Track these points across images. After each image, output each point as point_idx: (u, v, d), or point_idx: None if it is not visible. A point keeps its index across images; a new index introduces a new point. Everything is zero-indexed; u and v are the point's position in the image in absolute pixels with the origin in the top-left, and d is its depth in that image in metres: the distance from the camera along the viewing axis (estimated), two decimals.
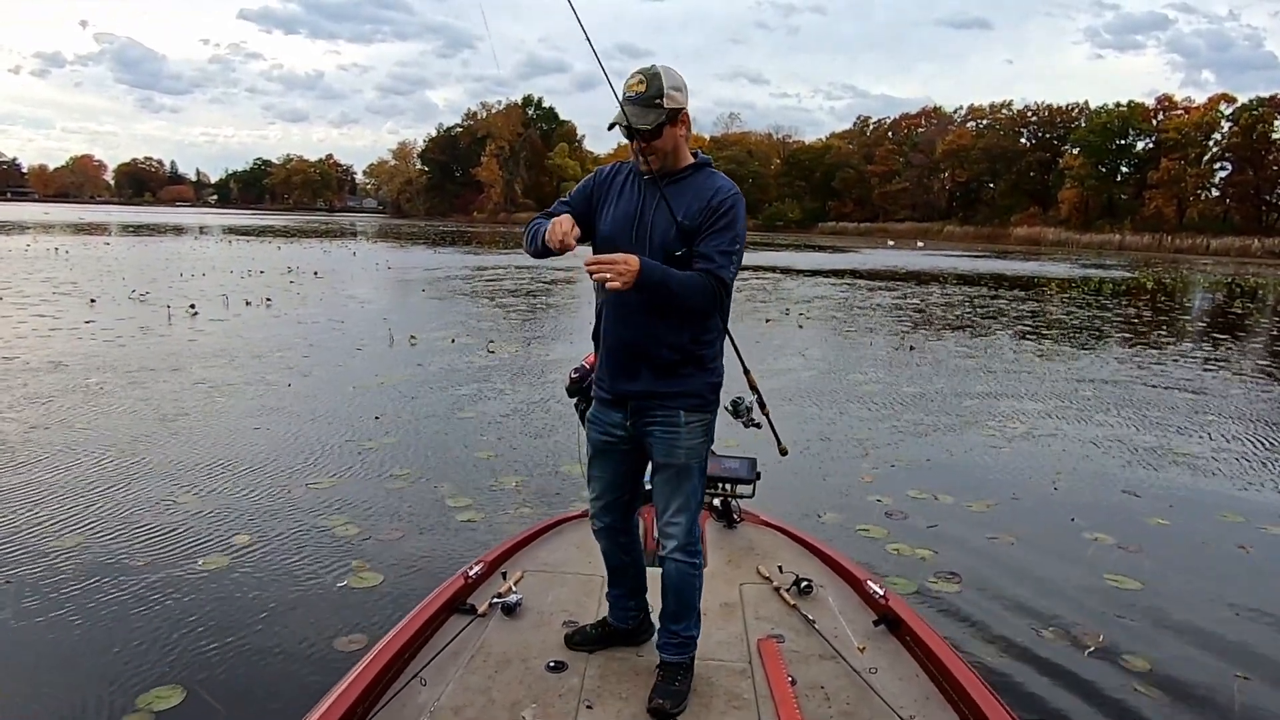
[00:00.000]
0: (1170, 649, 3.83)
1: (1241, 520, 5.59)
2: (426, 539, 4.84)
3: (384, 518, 5.12)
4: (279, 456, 6.25)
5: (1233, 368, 11.91)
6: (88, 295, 15.83)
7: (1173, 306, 21.95)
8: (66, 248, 30.11)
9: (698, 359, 2.48)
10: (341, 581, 4.22)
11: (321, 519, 5.05)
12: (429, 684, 2.50)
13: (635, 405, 2.51)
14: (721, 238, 2.35)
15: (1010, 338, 14.47)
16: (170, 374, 9.06)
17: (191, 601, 3.95)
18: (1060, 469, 6.66)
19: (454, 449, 6.64)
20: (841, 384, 9.77)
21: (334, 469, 6.01)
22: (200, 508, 5.15)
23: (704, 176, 2.44)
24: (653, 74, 2.32)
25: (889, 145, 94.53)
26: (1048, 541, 5.13)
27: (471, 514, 5.23)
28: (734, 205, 2.39)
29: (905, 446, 7.18)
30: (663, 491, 2.56)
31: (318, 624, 3.78)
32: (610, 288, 2.21)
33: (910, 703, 2.49)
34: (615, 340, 2.50)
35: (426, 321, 14.14)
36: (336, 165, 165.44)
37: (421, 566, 4.46)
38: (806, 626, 2.93)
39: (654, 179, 2.42)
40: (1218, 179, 72.26)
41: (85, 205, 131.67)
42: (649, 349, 2.44)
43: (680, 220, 2.35)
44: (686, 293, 2.29)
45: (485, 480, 5.90)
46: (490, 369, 9.99)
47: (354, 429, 7.09)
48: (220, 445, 6.48)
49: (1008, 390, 9.75)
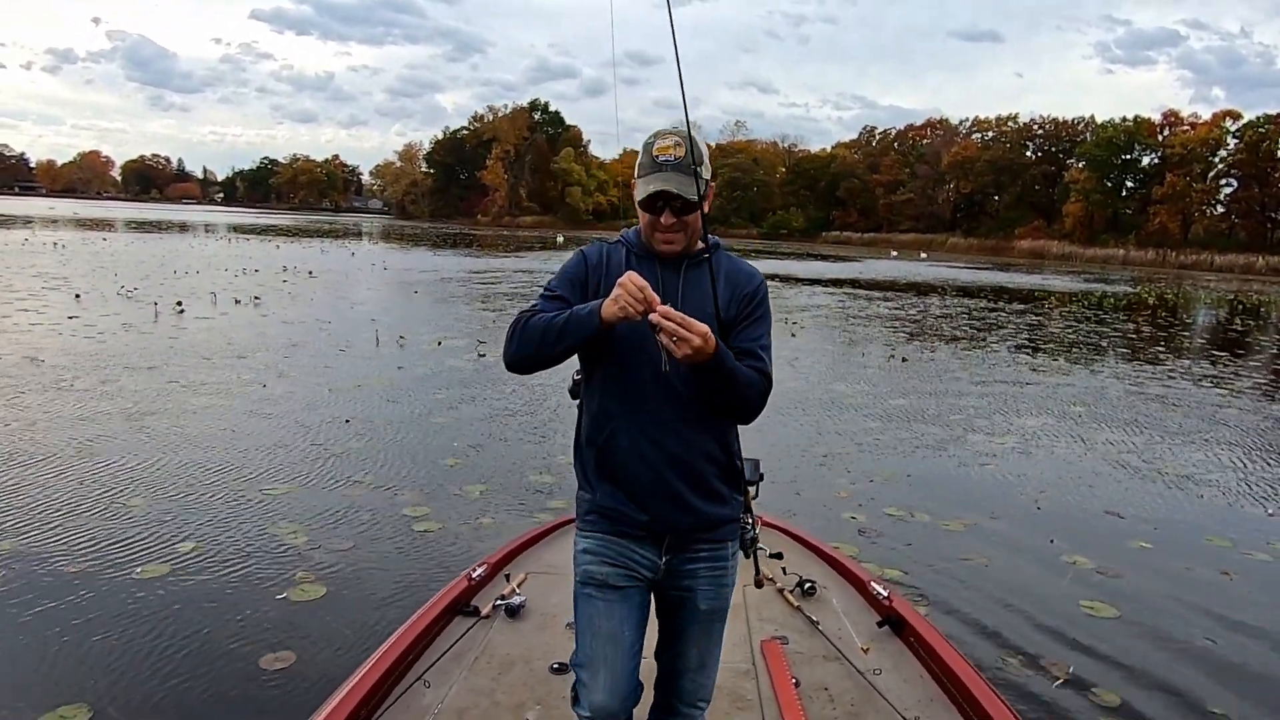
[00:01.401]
0: (1143, 683, 3.65)
1: (1227, 545, 5.41)
2: (378, 549, 4.67)
3: (337, 526, 4.96)
4: (240, 460, 6.09)
5: (1229, 386, 11.71)
6: (77, 291, 15.71)
7: (1173, 323, 21.74)
8: (64, 242, 30.04)
9: (736, 474, 2.11)
10: (281, 594, 4.06)
11: (272, 526, 4.89)
12: (433, 686, 2.49)
13: (675, 540, 2.03)
14: (760, 328, 2.05)
15: (1005, 351, 14.29)
16: (145, 372, 8.91)
17: (120, 613, 3.79)
18: (1044, 487, 6.48)
19: (422, 455, 6.48)
20: (827, 395, 9.60)
21: (294, 474, 5.85)
22: (149, 512, 5.00)
23: (723, 260, 2.08)
24: (688, 137, 1.96)
25: (894, 156, 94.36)
26: (1024, 563, 4.96)
27: (429, 524, 5.07)
28: (765, 292, 2.09)
29: (886, 461, 7.00)
30: (697, 644, 2.12)
31: (248, 639, 3.62)
32: (681, 355, 1.77)
33: (914, 704, 2.46)
34: (646, 452, 1.98)
35: (416, 323, 14.00)
36: (342, 166, 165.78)
37: (368, 578, 4.30)
38: (810, 628, 2.92)
39: (675, 262, 2.03)
40: (1223, 195, 71.94)
41: (92, 201, 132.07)
42: (693, 464, 2.00)
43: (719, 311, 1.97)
44: (743, 386, 1.91)
45: (449, 488, 5.74)
46: (473, 372, 9.83)
47: (322, 433, 6.93)
48: (182, 447, 6.32)
49: (997, 404, 9.57)
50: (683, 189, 1.92)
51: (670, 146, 1.95)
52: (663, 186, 1.91)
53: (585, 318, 1.85)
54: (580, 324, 1.85)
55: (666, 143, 1.96)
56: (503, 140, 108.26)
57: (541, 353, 1.90)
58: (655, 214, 1.97)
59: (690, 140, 1.94)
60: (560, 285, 2.04)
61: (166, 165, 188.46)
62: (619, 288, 1.78)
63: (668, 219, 1.96)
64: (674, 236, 1.98)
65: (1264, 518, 6.02)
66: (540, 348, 1.90)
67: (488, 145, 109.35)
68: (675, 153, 1.94)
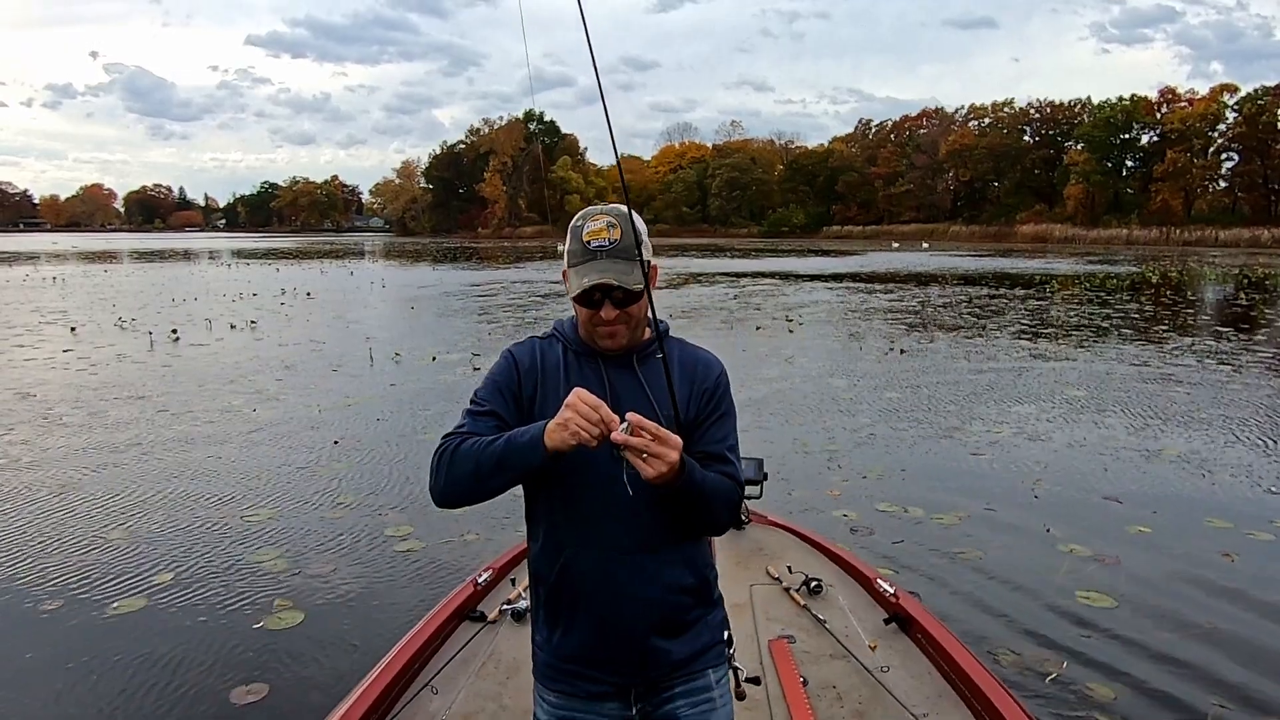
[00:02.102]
0: (1140, 675, 3.54)
1: (1229, 526, 5.29)
2: (358, 572, 4.60)
3: (318, 551, 4.89)
4: (224, 487, 6.03)
5: (1232, 363, 11.56)
6: (73, 324, 15.72)
7: (1176, 301, 21.54)
8: (64, 276, 30.17)
9: (709, 589, 1.84)
10: (258, 623, 3.99)
11: (252, 553, 4.82)
12: (440, 692, 2.47)
13: (644, 689, 1.78)
14: (725, 427, 1.81)
15: (1005, 338, 14.15)
16: (135, 402, 8.87)
17: (93, 649, 3.72)
18: (1042, 475, 6.36)
19: (408, 474, 6.40)
20: (823, 390, 9.50)
21: (277, 498, 5.79)
22: (129, 544, 4.93)
23: (674, 348, 1.82)
24: (622, 215, 1.72)
25: (891, 147, 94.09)
26: (1019, 555, 4.85)
27: (412, 544, 5.00)
28: (727, 383, 1.84)
29: (880, 456, 6.89)
30: None
31: (220, 673, 3.54)
32: (655, 474, 1.52)
33: (923, 701, 2.44)
34: (603, 592, 1.73)
35: (412, 339, 13.95)
36: (342, 186, 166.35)
37: (347, 603, 4.23)
38: (817, 626, 2.89)
39: (623, 358, 1.77)
40: (1225, 170, 71.49)
41: (95, 234, 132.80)
42: (661, 599, 1.74)
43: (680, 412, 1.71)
44: (716, 499, 1.68)
45: (433, 508, 5.63)
46: (466, 387, 9.75)
47: (309, 455, 6.87)
48: (165, 477, 6.27)
49: (996, 393, 9.44)
50: (622, 279, 1.65)
51: (603, 230, 1.70)
52: (600, 279, 1.65)
53: (526, 446, 1.57)
54: (521, 454, 1.58)
55: (598, 225, 1.70)
56: (500, 152, 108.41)
57: (476, 487, 1.63)
58: (593, 308, 1.70)
59: (628, 219, 1.70)
60: (489, 396, 1.75)
61: (168, 194, 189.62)
62: (567, 409, 1.52)
63: (609, 312, 1.69)
64: (617, 329, 1.72)
65: (1267, 496, 5.89)
66: (474, 481, 1.62)
67: (485, 158, 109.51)
68: (609, 235, 1.69)
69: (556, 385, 1.74)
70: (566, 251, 1.72)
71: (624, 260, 1.67)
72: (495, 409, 1.73)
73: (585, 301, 1.70)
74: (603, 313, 1.69)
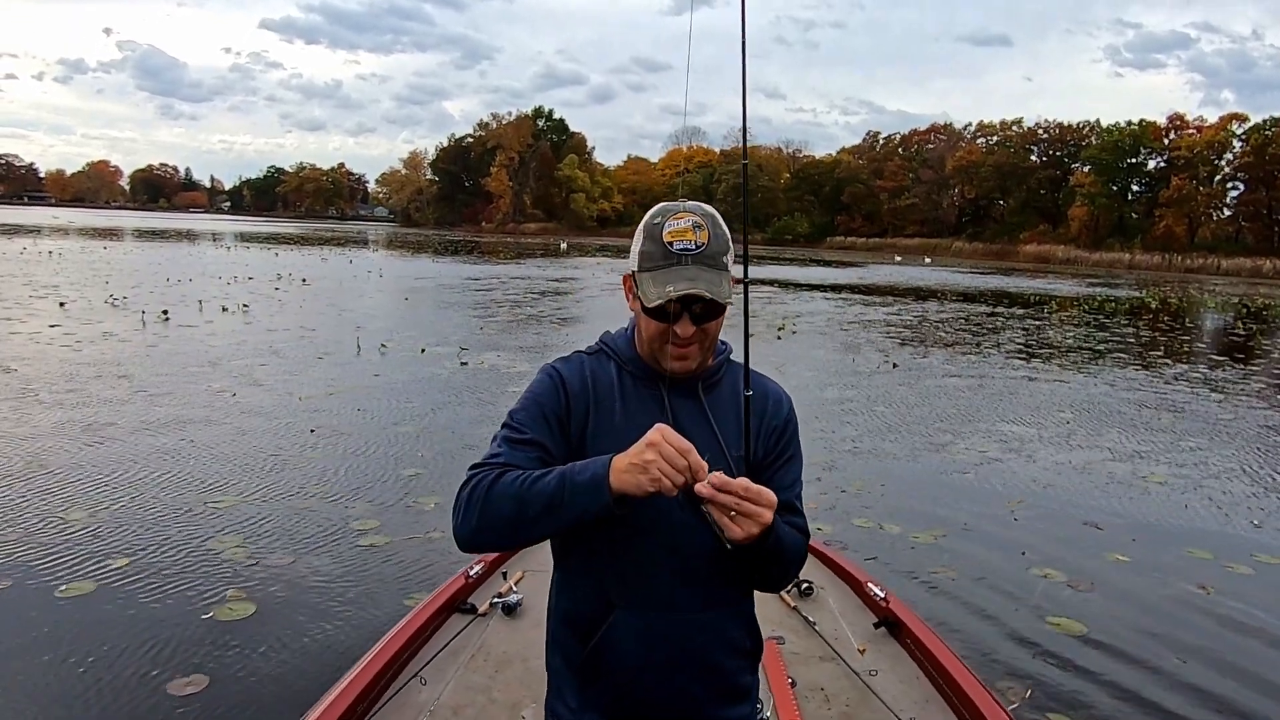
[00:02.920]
0: (1105, 707, 3.46)
1: (1208, 557, 5.21)
2: (318, 565, 4.51)
3: (280, 540, 4.80)
4: (193, 471, 5.94)
5: (1225, 391, 11.48)
6: (63, 299, 15.62)
7: (1174, 327, 21.47)
8: (62, 251, 30.06)
9: (760, 649, 1.67)
10: (208, 613, 3.90)
11: (213, 541, 4.73)
12: (429, 683, 2.46)
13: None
14: (794, 471, 1.60)
15: (999, 356, 14.08)
16: (116, 381, 8.78)
17: (34, 631, 3.64)
18: (1024, 496, 6.28)
19: (381, 464, 6.32)
20: (811, 401, 9.41)
21: (246, 486, 5.70)
22: (88, 526, 4.84)
23: (738, 376, 1.58)
24: (708, 215, 1.47)
25: (898, 161, 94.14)
26: (992, 577, 4.77)
27: (376, 537, 4.91)
28: (796, 420, 1.64)
29: (861, 470, 6.81)
30: None
31: (162, 662, 3.45)
32: (734, 535, 1.31)
33: (910, 705, 2.45)
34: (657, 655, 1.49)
35: (403, 329, 13.86)
36: (348, 174, 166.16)
37: (301, 595, 4.14)
38: (807, 628, 2.89)
39: (688, 385, 1.54)
40: (1230, 198, 71.52)
41: (99, 210, 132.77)
42: (719, 663, 1.54)
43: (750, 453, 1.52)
44: (789, 555, 1.48)
45: (403, 500, 5.57)
46: (451, 379, 9.67)
47: (283, 442, 6.78)
48: (135, 458, 6.17)
49: (985, 411, 9.36)
50: (713, 289, 1.41)
51: (688, 230, 1.44)
52: (689, 288, 1.40)
53: (587, 488, 1.32)
54: (579, 496, 1.32)
55: (682, 225, 1.44)
56: (507, 147, 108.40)
57: (516, 532, 1.37)
58: (668, 321, 1.45)
59: (715, 220, 1.47)
60: (530, 423, 1.48)
61: (174, 174, 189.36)
62: (649, 448, 1.28)
63: (685, 328, 1.45)
64: (691, 349, 1.48)
65: (1250, 528, 5.81)
66: (514, 526, 1.36)
67: (492, 152, 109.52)
68: (696, 238, 1.44)
69: (611, 412, 1.51)
70: (638, 253, 1.47)
71: (712, 269, 1.44)
72: (538, 437, 1.46)
73: (659, 314, 1.44)
74: (679, 328, 1.45)
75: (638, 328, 1.53)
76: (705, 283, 1.41)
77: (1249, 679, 3.74)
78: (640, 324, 1.51)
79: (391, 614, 3.99)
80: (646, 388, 1.52)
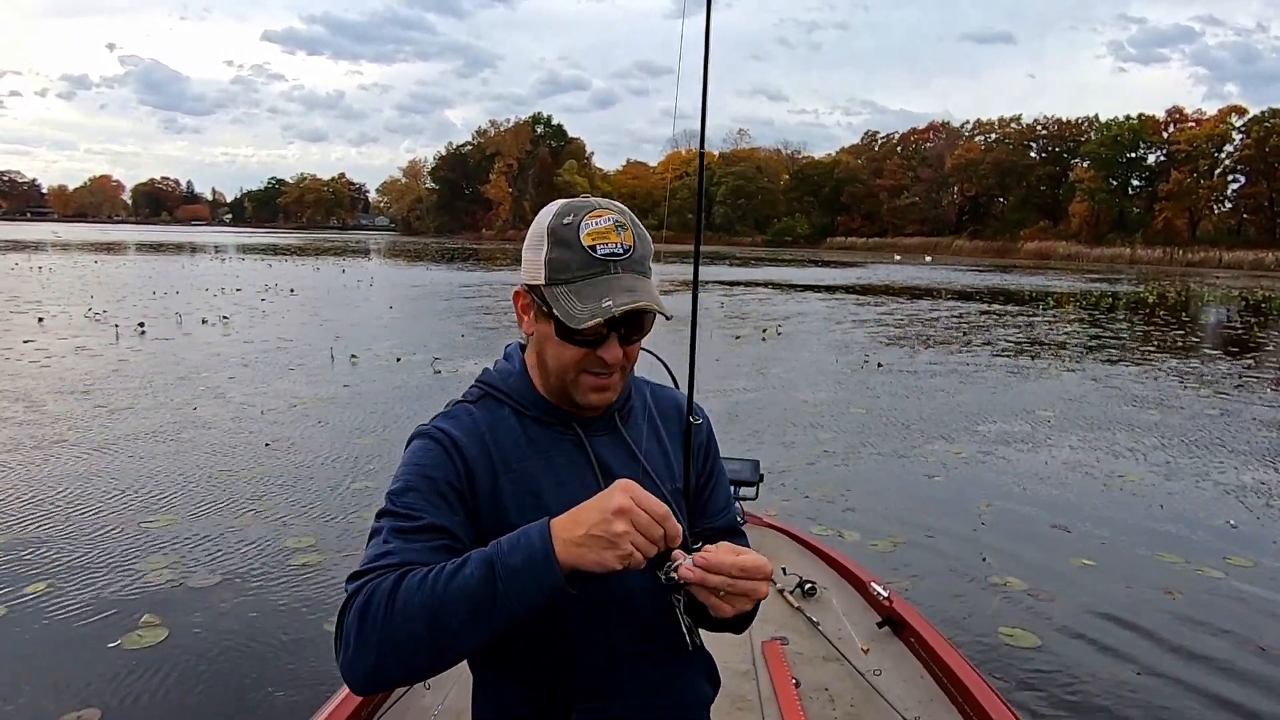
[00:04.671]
0: None
1: (1178, 561, 5.01)
2: (243, 587, 4.34)
3: (208, 562, 4.62)
4: (134, 489, 5.77)
5: (1214, 387, 11.26)
6: (42, 315, 15.50)
7: (1169, 322, 21.23)
8: (53, 266, 30.01)
9: (718, 689, 1.47)
10: (115, 641, 3.72)
11: (140, 562, 4.56)
12: (433, 688, 2.43)
13: None
14: (723, 488, 1.42)
15: (987, 355, 13.87)
16: (79, 397, 8.63)
17: None
18: (993, 499, 6.09)
19: (332, 479, 6.14)
20: (788, 403, 9.23)
21: (187, 503, 5.52)
22: (10, 548, 4.67)
23: (644, 391, 1.40)
24: (626, 212, 1.23)
25: (897, 160, 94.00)
26: (948, 585, 4.58)
27: (311, 556, 4.73)
28: (711, 428, 1.43)
29: (829, 474, 6.62)
30: None
31: (57, 694, 3.28)
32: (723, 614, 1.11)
33: (915, 704, 2.43)
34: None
35: (383, 338, 13.71)
36: (349, 184, 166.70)
37: (218, 621, 3.96)
38: (810, 628, 2.88)
39: (603, 422, 1.30)
40: (1230, 191, 71.22)
41: (101, 225, 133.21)
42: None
43: (693, 483, 1.34)
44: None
45: (346, 517, 5.40)
46: (421, 389, 9.51)
47: (235, 458, 6.62)
48: (77, 476, 6.01)
49: (965, 411, 9.16)
50: (655, 300, 1.17)
51: (610, 231, 1.17)
52: (634, 302, 1.14)
53: (527, 568, 1.02)
54: (521, 583, 1.01)
55: (603, 224, 1.18)
56: (506, 154, 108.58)
57: (436, 656, 1.03)
58: (592, 345, 1.18)
59: (631, 217, 1.22)
60: (421, 505, 1.15)
61: (176, 187, 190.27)
62: (618, 517, 1.01)
63: (614, 353, 1.19)
64: (614, 380, 1.23)
65: (1225, 529, 5.61)
66: (433, 647, 1.02)
67: (491, 160, 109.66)
68: (622, 240, 1.18)
69: (526, 473, 1.22)
70: (545, 261, 1.18)
71: (642, 275, 1.20)
72: (437, 520, 1.13)
73: (577, 338, 1.17)
74: (605, 354, 1.18)
75: (538, 358, 1.25)
76: (644, 293, 1.16)
77: (1203, 692, 3.54)
78: (547, 352, 1.22)
79: (310, 637, 3.85)
80: (558, 432, 1.26)
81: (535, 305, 1.21)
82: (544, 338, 1.22)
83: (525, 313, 1.25)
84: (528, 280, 1.22)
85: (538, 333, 1.23)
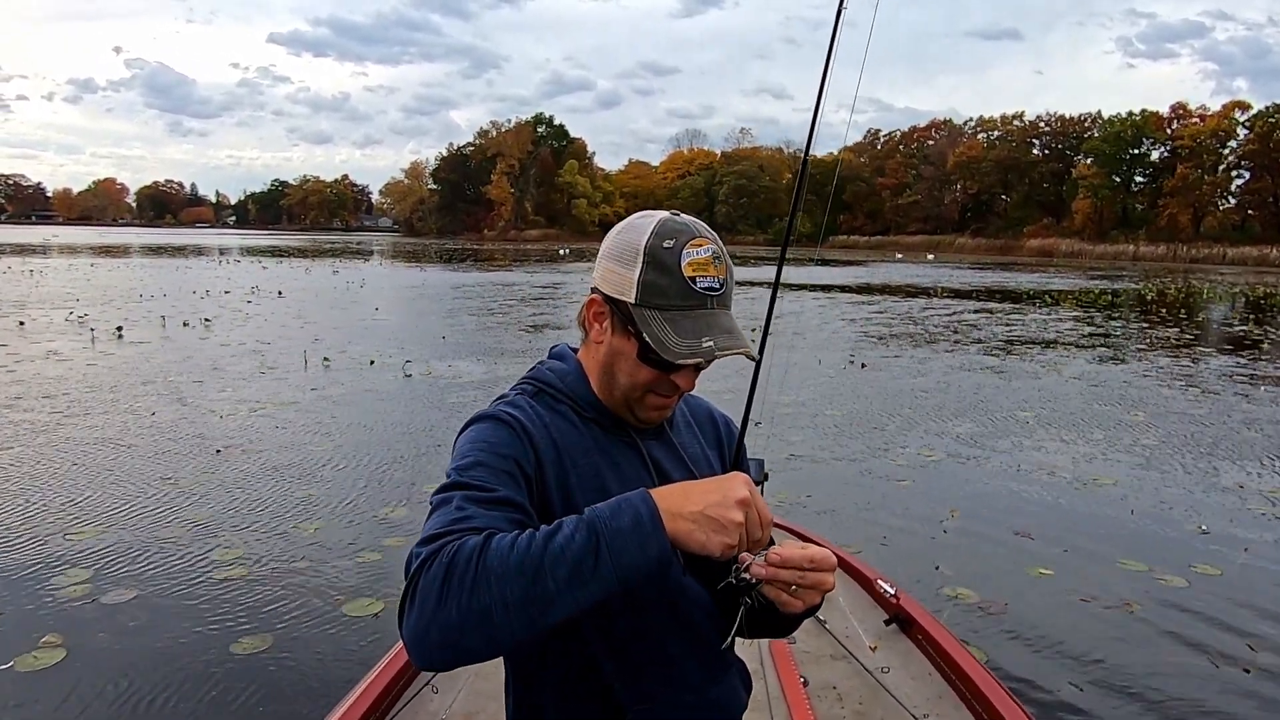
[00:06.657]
0: None
1: (1142, 569, 4.81)
2: (158, 603, 4.16)
3: (129, 574, 4.45)
4: (69, 499, 5.61)
5: (1202, 386, 11.03)
6: (22, 319, 15.39)
7: (1166, 320, 20.96)
8: (45, 269, 29.95)
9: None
10: (7, 663, 3.55)
11: (58, 576, 4.40)
12: (440, 691, 2.41)
13: None
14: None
15: (975, 354, 13.66)
16: (37, 402, 8.49)
17: None
18: (959, 504, 5.89)
19: (277, 487, 5.97)
20: (763, 404, 9.01)
21: (120, 513, 5.36)
22: None
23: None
24: (719, 241, 1.21)
25: (900, 158, 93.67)
26: None
27: (237, 569, 4.56)
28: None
29: (789, 477, 6.43)
30: None
31: None
32: (793, 610, 1.10)
33: (923, 702, 2.44)
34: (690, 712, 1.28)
35: (361, 341, 13.55)
36: (352, 185, 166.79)
37: (123, 640, 3.78)
38: (817, 627, 2.87)
39: (653, 431, 1.32)
40: (1235, 187, 70.75)
41: (105, 228, 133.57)
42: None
43: None
44: None
45: (282, 527, 5.22)
46: (389, 393, 9.34)
47: (181, 465, 6.45)
48: (12, 485, 5.85)
49: (944, 411, 8.96)
50: (745, 343, 1.17)
51: (710, 264, 1.15)
52: (733, 345, 1.14)
53: (634, 532, 0.98)
54: (627, 546, 0.97)
55: (703, 255, 1.15)
56: (507, 155, 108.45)
57: (528, 621, 0.95)
58: (668, 370, 1.18)
59: (722, 247, 1.20)
60: (496, 479, 1.11)
61: (180, 190, 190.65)
62: (739, 507, 1.00)
63: (689, 381, 1.22)
64: (674, 400, 1.26)
65: (1194, 536, 5.40)
66: (527, 609, 0.94)
67: (493, 160, 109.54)
68: (718, 274, 1.17)
69: (593, 470, 1.22)
70: (640, 283, 1.15)
71: (729, 312, 1.20)
72: (512, 495, 1.10)
73: (659, 362, 1.16)
74: (682, 381, 1.20)
75: (606, 369, 1.24)
76: (739, 336, 1.16)
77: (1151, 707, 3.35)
78: (619, 367, 1.22)
79: (219, 656, 3.68)
80: (617, 436, 1.28)
81: (615, 318, 1.21)
82: (619, 353, 1.22)
83: (598, 320, 1.24)
84: (611, 293, 1.20)
85: (611, 345, 1.22)
